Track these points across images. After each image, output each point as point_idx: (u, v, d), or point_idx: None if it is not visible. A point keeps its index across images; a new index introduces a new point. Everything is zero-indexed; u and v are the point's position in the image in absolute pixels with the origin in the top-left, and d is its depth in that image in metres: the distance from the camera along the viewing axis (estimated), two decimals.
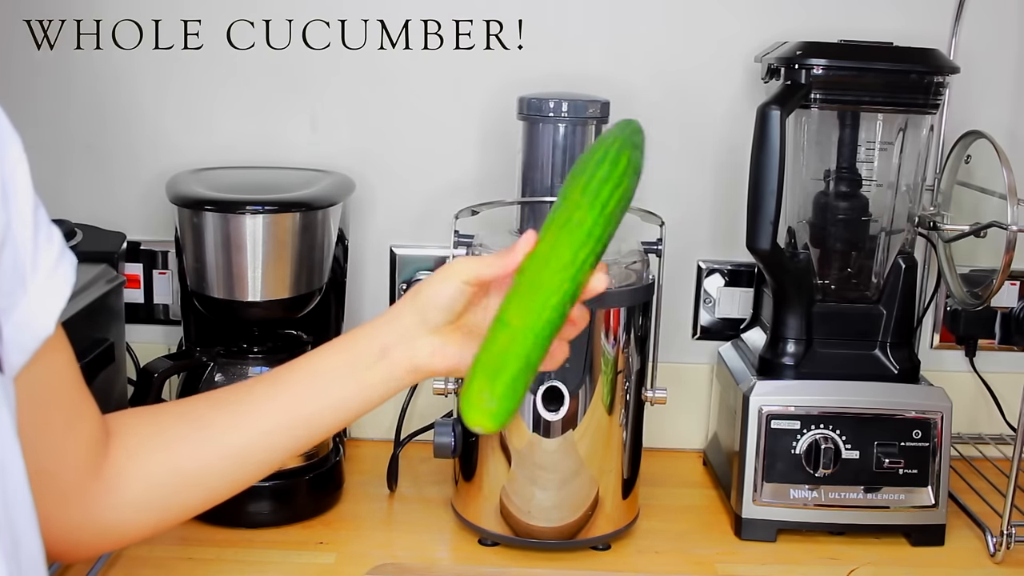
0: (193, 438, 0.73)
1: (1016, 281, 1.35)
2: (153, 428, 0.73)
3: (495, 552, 1.11)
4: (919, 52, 1.14)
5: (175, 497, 0.73)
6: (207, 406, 0.75)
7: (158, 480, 0.72)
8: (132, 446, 0.72)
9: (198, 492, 0.74)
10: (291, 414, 0.73)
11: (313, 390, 0.74)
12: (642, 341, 1.11)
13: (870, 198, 1.19)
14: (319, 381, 0.74)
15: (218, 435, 0.73)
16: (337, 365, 0.74)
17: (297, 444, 0.75)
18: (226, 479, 0.74)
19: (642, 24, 1.30)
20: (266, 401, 0.74)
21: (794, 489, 1.13)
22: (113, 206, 1.33)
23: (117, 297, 1.22)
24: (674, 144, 1.32)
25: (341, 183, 1.21)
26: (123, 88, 1.31)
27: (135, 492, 0.71)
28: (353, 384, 0.73)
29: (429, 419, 1.24)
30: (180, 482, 0.73)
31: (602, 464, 1.10)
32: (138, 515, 0.72)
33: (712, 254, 1.36)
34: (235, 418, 0.73)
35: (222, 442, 0.73)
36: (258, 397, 0.74)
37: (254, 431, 0.73)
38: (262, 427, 0.73)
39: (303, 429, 0.74)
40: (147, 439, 0.73)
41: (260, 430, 0.73)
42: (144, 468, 0.72)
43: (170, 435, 0.73)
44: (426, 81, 1.31)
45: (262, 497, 1.14)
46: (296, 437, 0.74)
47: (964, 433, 1.36)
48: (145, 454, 0.72)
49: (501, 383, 0.63)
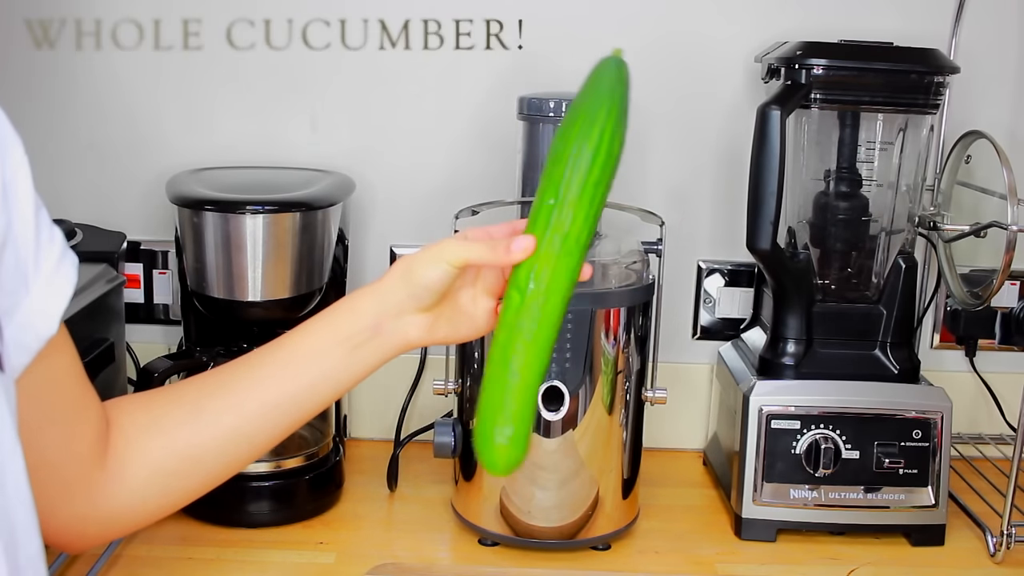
0: (189, 422, 0.73)
1: (1016, 281, 1.35)
2: (149, 415, 0.74)
3: (495, 552, 1.11)
4: (919, 52, 1.14)
5: (177, 481, 0.74)
6: (199, 390, 0.75)
7: (159, 465, 0.73)
8: (131, 434, 0.72)
9: (199, 475, 0.74)
10: (284, 391, 0.74)
11: (306, 367, 0.74)
12: (642, 341, 1.11)
13: (870, 198, 1.19)
14: (313, 358, 0.74)
15: (213, 417, 0.74)
16: (330, 341, 0.74)
17: (291, 420, 0.75)
18: (225, 460, 0.75)
19: (642, 24, 1.30)
20: (259, 380, 0.74)
21: (794, 489, 1.13)
22: (113, 206, 1.33)
23: (117, 297, 1.22)
24: (674, 144, 1.32)
25: (341, 183, 1.21)
26: (123, 88, 1.31)
27: (138, 479, 0.72)
28: (346, 360, 0.74)
29: (429, 419, 1.24)
30: (180, 466, 0.73)
31: (602, 464, 1.10)
32: (143, 502, 0.73)
33: (712, 254, 1.36)
34: (228, 399, 0.74)
35: (218, 424, 0.73)
36: (250, 377, 0.75)
37: (249, 410, 0.74)
38: (256, 406, 0.74)
39: (296, 405, 0.75)
40: (144, 426, 0.73)
41: (255, 409, 0.74)
42: (145, 455, 0.72)
43: (166, 421, 0.74)
44: (426, 81, 1.31)
45: (262, 497, 1.14)
46: (289, 413, 0.75)
47: (964, 433, 1.36)
48: (145, 441, 0.72)
49: (519, 432, 0.69)
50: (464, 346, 1.12)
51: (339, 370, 0.74)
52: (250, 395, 0.74)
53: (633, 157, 1.30)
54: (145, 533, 1.11)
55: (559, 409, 1.06)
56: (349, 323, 0.74)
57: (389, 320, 0.74)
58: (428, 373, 1.33)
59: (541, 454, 1.08)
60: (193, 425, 0.73)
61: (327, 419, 1.22)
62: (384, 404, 1.36)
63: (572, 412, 1.07)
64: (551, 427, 1.07)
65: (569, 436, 1.07)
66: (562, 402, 1.06)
